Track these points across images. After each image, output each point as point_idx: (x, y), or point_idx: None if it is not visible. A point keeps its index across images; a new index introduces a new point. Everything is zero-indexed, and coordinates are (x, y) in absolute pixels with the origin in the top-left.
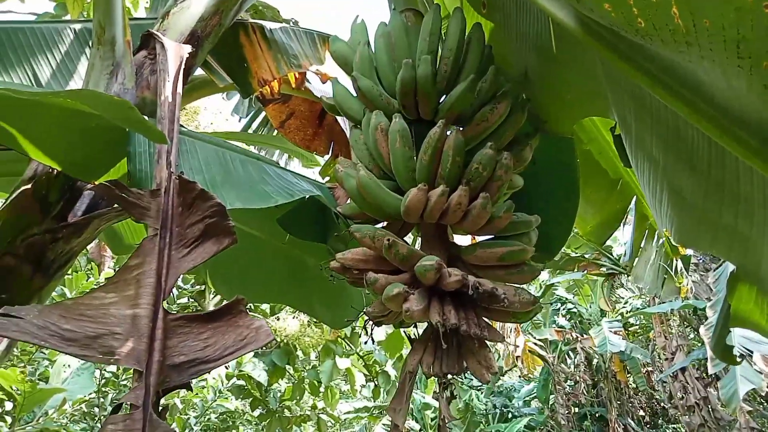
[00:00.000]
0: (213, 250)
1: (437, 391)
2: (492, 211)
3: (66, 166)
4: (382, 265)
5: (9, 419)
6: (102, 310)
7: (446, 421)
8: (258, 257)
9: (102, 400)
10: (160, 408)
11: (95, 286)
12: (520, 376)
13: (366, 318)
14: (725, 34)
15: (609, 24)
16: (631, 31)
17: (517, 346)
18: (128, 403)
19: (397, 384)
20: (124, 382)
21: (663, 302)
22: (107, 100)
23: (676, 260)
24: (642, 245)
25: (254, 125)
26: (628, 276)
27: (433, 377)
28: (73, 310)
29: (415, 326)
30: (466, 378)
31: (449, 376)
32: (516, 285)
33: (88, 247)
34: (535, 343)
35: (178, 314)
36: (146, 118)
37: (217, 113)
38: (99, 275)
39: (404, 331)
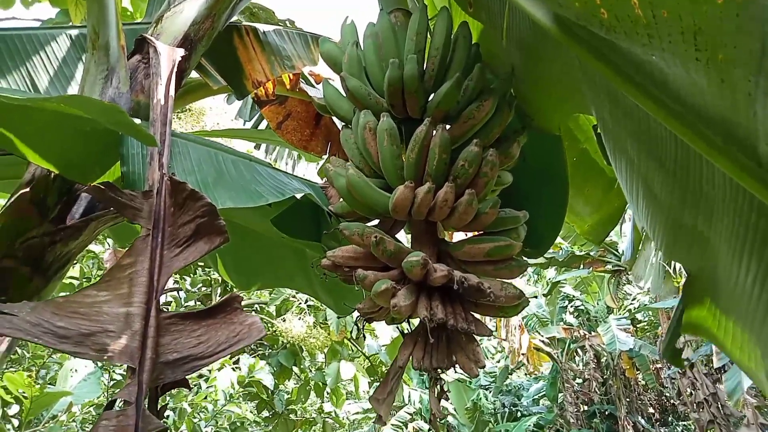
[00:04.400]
0: (205, 249)
1: (428, 386)
2: (478, 207)
3: (63, 169)
4: (372, 262)
5: (16, 422)
6: (95, 308)
7: (436, 417)
8: (264, 249)
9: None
10: (159, 406)
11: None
12: (526, 374)
13: (358, 315)
14: (682, 25)
15: (576, 17)
16: (596, 23)
17: (522, 345)
18: (121, 399)
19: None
20: None
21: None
22: (99, 106)
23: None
24: (641, 245)
25: (261, 127)
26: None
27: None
28: (66, 308)
29: (409, 323)
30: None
31: (439, 373)
32: (503, 280)
33: (105, 259)
34: (542, 341)
35: (172, 312)
36: (139, 121)
37: (223, 113)
38: None
39: (398, 327)
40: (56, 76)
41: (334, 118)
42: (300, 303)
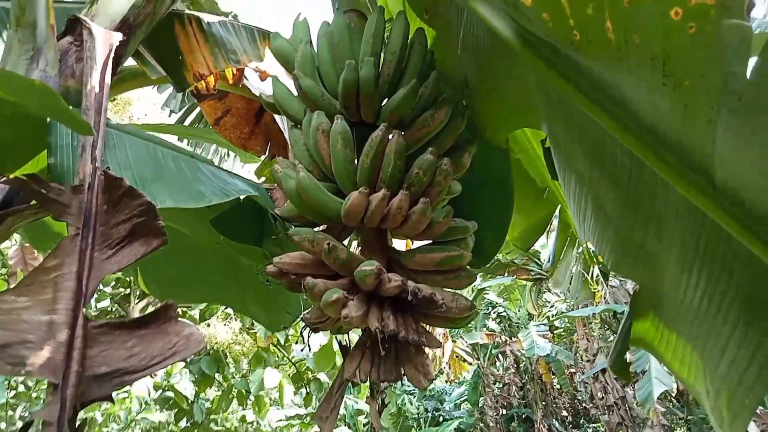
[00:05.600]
0: (141, 251)
1: (369, 396)
2: (431, 217)
3: None
4: (321, 269)
5: None
6: (12, 316)
7: (377, 430)
8: (192, 257)
9: (11, 413)
10: (78, 423)
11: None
12: (446, 381)
13: (303, 324)
14: (653, 52)
15: (545, 35)
16: (567, 43)
17: (444, 352)
18: (41, 420)
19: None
20: (36, 394)
21: (584, 306)
22: (28, 85)
23: (593, 267)
24: (563, 252)
25: (188, 120)
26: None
27: (366, 383)
28: None
29: (347, 335)
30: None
31: (383, 384)
32: (453, 290)
33: (9, 255)
34: (463, 349)
35: (102, 321)
36: (71, 107)
37: (152, 104)
38: None
39: (337, 339)
40: None
41: (277, 118)
42: (225, 307)
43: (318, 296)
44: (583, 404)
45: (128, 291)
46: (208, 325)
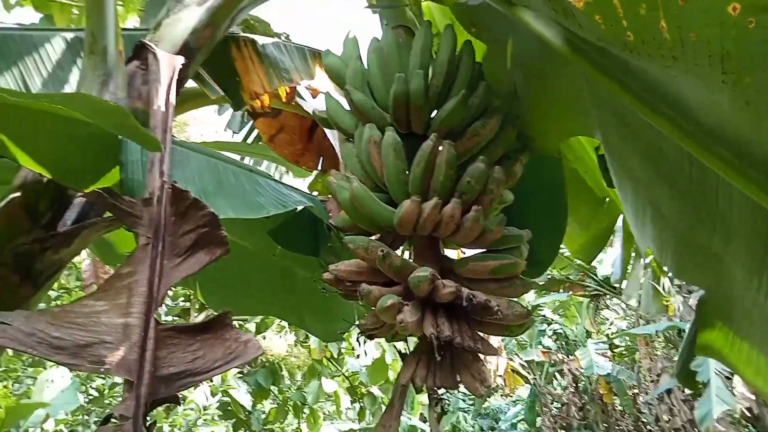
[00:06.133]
0: (205, 260)
1: (425, 411)
2: (484, 224)
3: (56, 174)
4: (376, 276)
5: None
6: (92, 318)
7: None
8: (248, 268)
9: (86, 418)
10: (148, 422)
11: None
12: (502, 395)
13: (359, 331)
14: (710, 49)
15: (597, 38)
16: (620, 44)
17: (498, 366)
18: (118, 414)
19: (388, 400)
20: (108, 401)
21: (648, 323)
22: (102, 106)
23: (664, 279)
24: (631, 264)
25: (250, 140)
26: (611, 297)
27: (421, 397)
28: (62, 318)
29: (406, 342)
30: (453, 398)
31: (441, 392)
32: (509, 298)
33: (83, 269)
34: (521, 364)
35: (169, 325)
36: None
37: (207, 125)
38: None
39: (396, 347)
40: (50, 78)
41: (328, 134)
42: (281, 321)
43: (373, 302)
44: (648, 426)
45: (188, 304)
46: (264, 338)
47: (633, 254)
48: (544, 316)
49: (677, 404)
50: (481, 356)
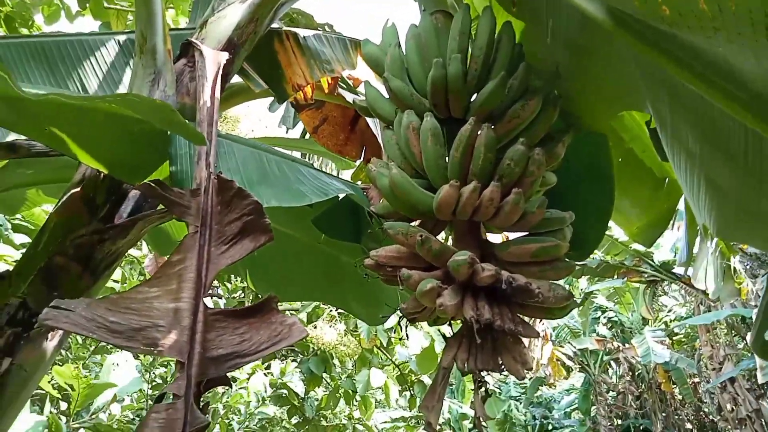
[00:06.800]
0: (250, 247)
1: (473, 389)
2: (525, 207)
3: (112, 169)
4: (416, 261)
5: (63, 418)
6: (146, 304)
7: (482, 420)
8: (295, 256)
9: (151, 402)
10: (201, 403)
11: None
12: (546, 385)
13: (401, 315)
14: (752, 17)
15: (634, 13)
16: (657, 19)
17: (543, 354)
18: (171, 392)
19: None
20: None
21: (709, 309)
22: (150, 104)
23: (734, 259)
24: (698, 246)
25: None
26: (670, 283)
27: (471, 385)
28: (119, 304)
29: (450, 325)
30: (505, 386)
31: (484, 375)
32: (550, 281)
33: (145, 264)
34: (574, 352)
35: (217, 309)
36: (187, 121)
37: (257, 121)
38: None
39: (439, 331)
40: (105, 79)
41: (370, 123)
42: (331, 310)
43: (413, 287)
44: (710, 417)
45: (242, 296)
46: (315, 327)
47: (699, 237)
48: (598, 303)
49: (741, 394)
50: (528, 340)
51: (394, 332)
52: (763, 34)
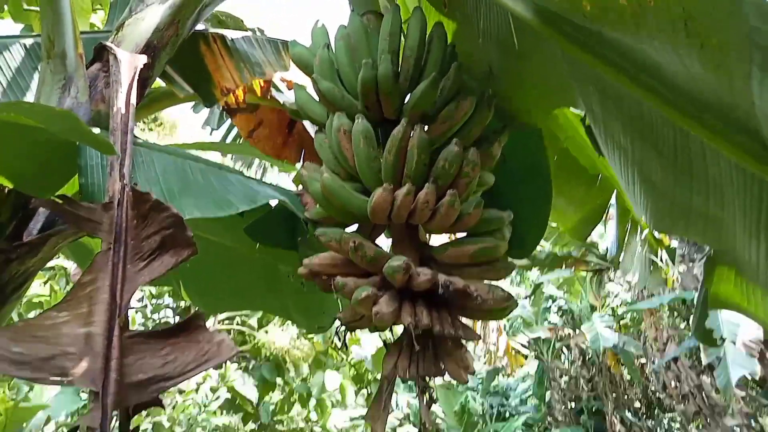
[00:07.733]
0: (171, 262)
1: (417, 395)
2: (461, 208)
3: (17, 183)
4: (351, 268)
5: None
6: (54, 330)
7: (427, 427)
8: (231, 266)
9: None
10: (131, 428)
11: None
12: (504, 375)
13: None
14: (672, 13)
15: (557, 10)
16: (579, 15)
17: (498, 347)
18: (85, 425)
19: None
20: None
21: (652, 295)
22: (50, 112)
23: (661, 251)
24: (626, 239)
25: (230, 137)
26: (615, 271)
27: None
28: (24, 332)
29: (391, 331)
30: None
31: (428, 380)
32: (490, 282)
33: (71, 270)
34: (527, 342)
35: (136, 331)
36: (98, 130)
37: (197, 126)
38: None
39: (380, 337)
40: (10, 87)
41: (307, 125)
42: None
43: (349, 295)
44: (657, 394)
45: (189, 302)
46: (266, 332)
47: (628, 229)
48: (548, 293)
49: (684, 371)
50: (483, 332)
51: (346, 333)
52: (682, 30)
